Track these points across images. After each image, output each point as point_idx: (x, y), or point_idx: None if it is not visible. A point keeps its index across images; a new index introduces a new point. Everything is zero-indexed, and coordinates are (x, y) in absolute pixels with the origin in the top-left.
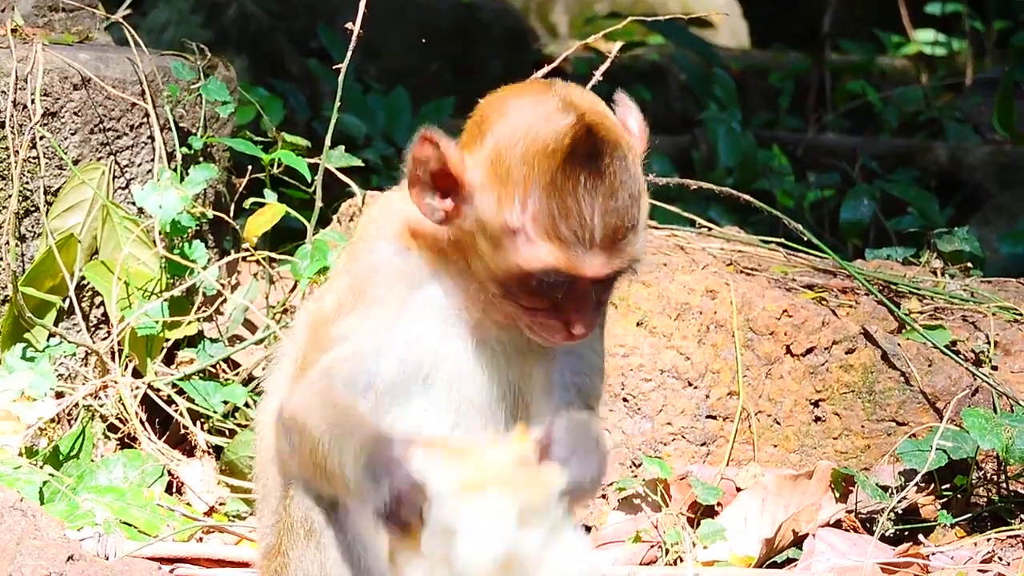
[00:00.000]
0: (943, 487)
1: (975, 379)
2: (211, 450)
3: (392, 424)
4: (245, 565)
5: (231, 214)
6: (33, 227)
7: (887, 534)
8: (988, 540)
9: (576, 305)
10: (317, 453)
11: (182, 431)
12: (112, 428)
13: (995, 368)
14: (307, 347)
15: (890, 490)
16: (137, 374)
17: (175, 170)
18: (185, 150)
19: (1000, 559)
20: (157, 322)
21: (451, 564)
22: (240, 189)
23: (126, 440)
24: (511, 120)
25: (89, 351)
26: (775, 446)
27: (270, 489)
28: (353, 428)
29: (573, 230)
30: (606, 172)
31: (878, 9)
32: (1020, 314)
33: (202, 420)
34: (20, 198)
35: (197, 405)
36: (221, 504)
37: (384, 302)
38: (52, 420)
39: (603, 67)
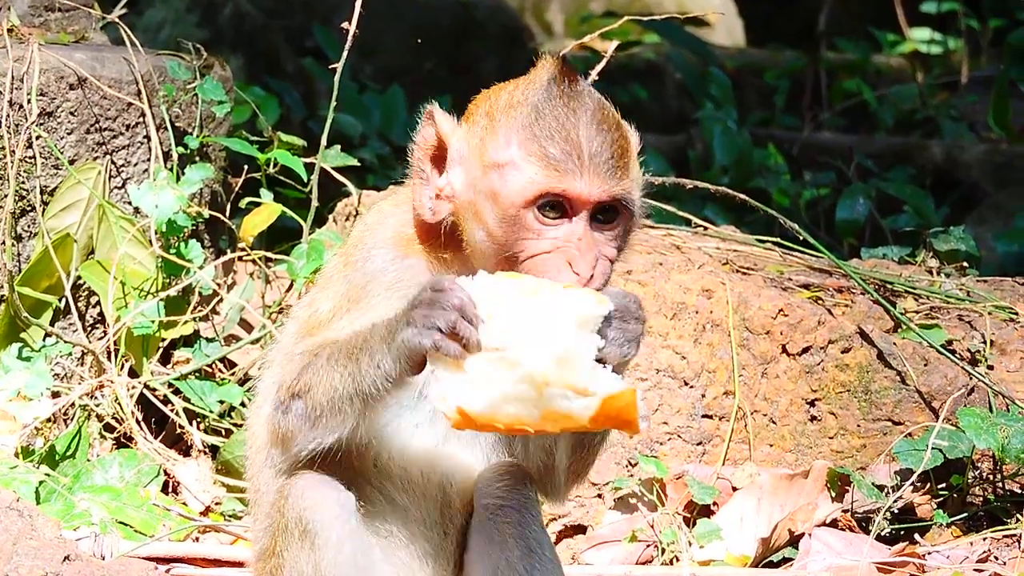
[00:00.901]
0: (939, 486)
1: (971, 378)
2: (207, 450)
3: (381, 433)
4: (241, 565)
5: (227, 213)
6: (29, 227)
7: (883, 533)
8: (984, 539)
9: (577, 244)
10: (335, 376)
11: (178, 431)
12: (108, 428)
13: (991, 367)
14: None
15: (886, 489)
16: (133, 374)
17: (171, 169)
18: (181, 149)
19: (996, 558)
20: (153, 322)
21: (512, 364)
22: (236, 188)
23: (122, 440)
24: (500, 89)
25: (85, 351)
26: (771, 445)
27: (263, 492)
28: (366, 332)
29: (560, 148)
30: (587, 99)
31: (874, 7)
32: (1016, 313)
33: (198, 420)
34: (16, 198)
35: (193, 405)
36: (217, 504)
37: (379, 309)
38: (48, 420)
39: (599, 66)
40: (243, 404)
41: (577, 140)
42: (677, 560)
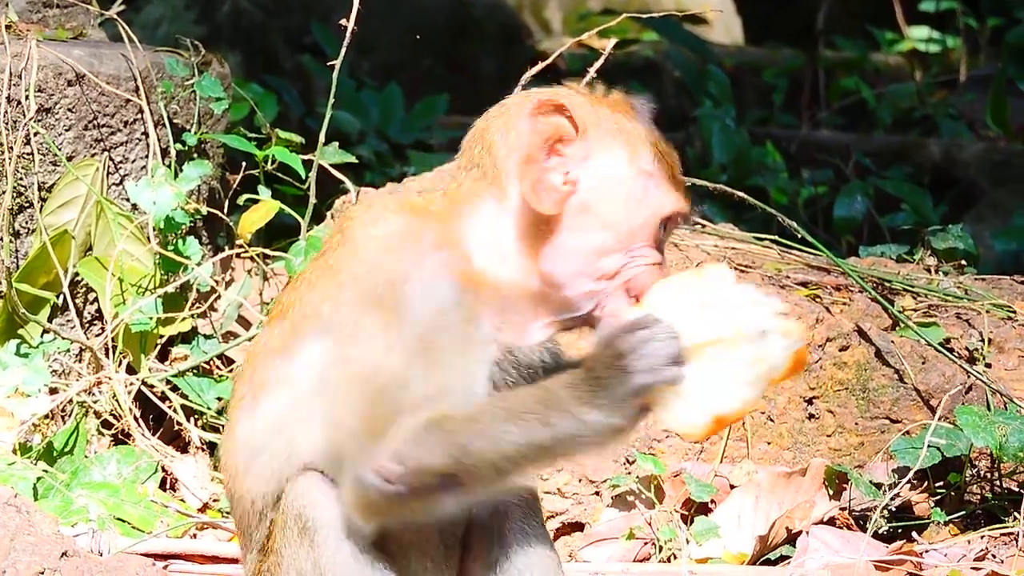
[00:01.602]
0: (936, 484)
1: (969, 376)
2: (205, 446)
3: None
4: (238, 561)
5: (225, 210)
6: (27, 223)
7: (880, 531)
8: (981, 537)
9: (658, 259)
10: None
11: (176, 427)
12: (106, 424)
13: (989, 365)
14: (371, 408)
15: (883, 487)
16: (131, 370)
17: (169, 166)
18: (179, 146)
19: (993, 556)
20: (151, 318)
21: (734, 343)
22: (234, 185)
23: (120, 436)
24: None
25: (83, 347)
26: (769, 443)
27: (260, 494)
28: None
29: (669, 174)
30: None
31: (872, 6)
32: (1014, 311)
33: (196, 416)
34: (14, 194)
35: (191, 401)
36: (215, 500)
37: (461, 357)
38: (46, 416)
39: (597, 64)
40: None
41: (671, 165)
42: (675, 558)
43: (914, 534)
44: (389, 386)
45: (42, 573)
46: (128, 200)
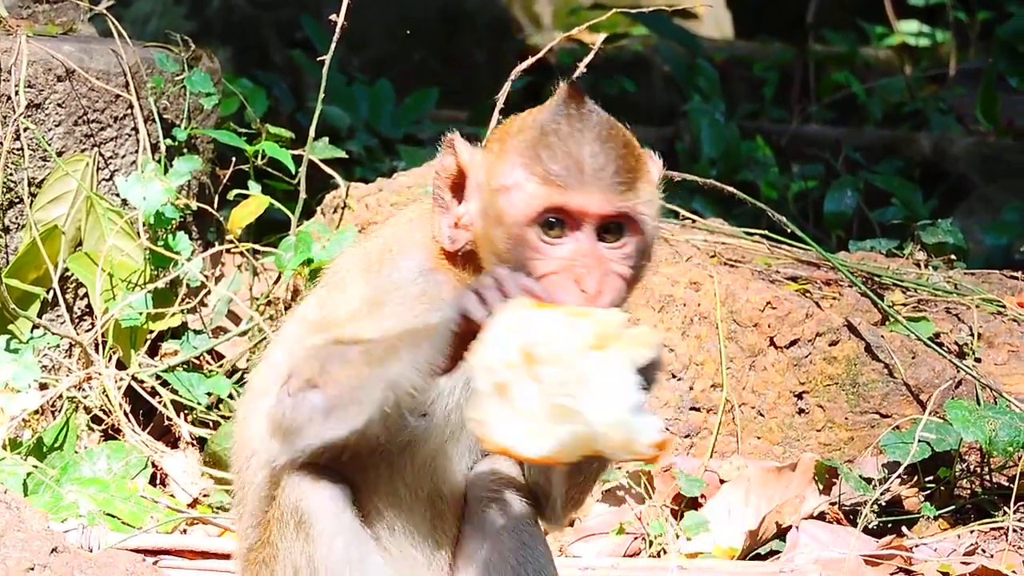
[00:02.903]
0: (926, 479)
1: (958, 371)
2: (195, 441)
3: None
4: (229, 557)
5: (215, 205)
6: (17, 218)
7: (870, 526)
8: (971, 532)
9: (583, 260)
10: (365, 368)
11: (166, 423)
12: (96, 420)
13: (978, 360)
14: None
15: (873, 482)
16: (121, 366)
17: (159, 161)
18: (169, 141)
19: (983, 551)
20: (141, 314)
21: (580, 412)
22: (224, 180)
23: (110, 432)
24: (516, 116)
25: (73, 343)
26: (759, 438)
27: (254, 486)
28: (404, 330)
29: (562, 163)
30: (594, 118)
31: (862, 0)
32: (1003, 306)
33: (186, 412)
34: (4, 190)
35: (181, 397)
36: (205, 496)
37: (403, 318)
38: (36, 412)
39: (587, 58)
40: (231, 396)
41: (579, 155)
42: (665, 552)
43: (904, 529)
44: (336, 322)
45: (32, 569)
46: (118, 195)
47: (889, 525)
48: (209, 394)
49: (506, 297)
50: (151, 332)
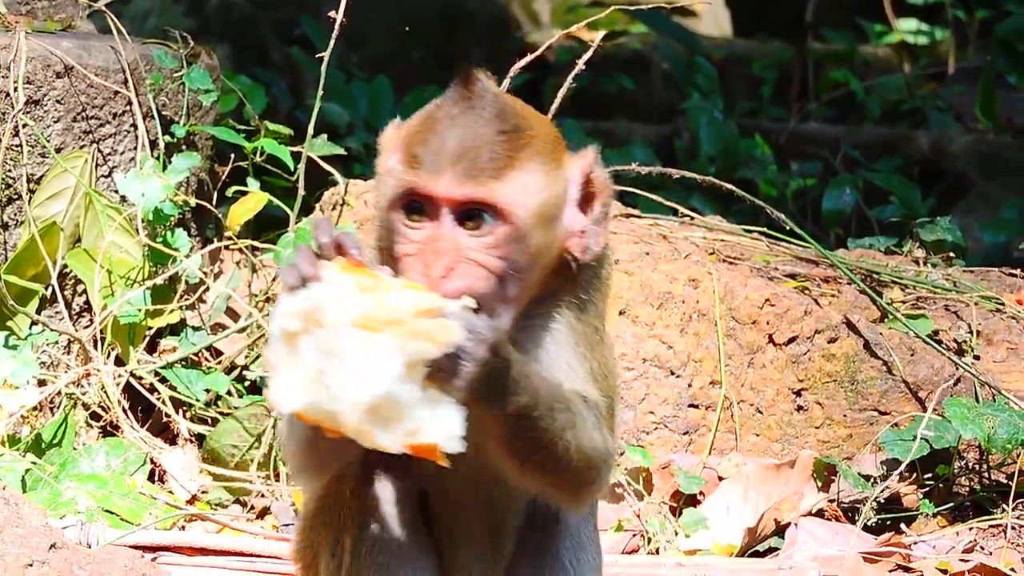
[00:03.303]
0: (925, 476)
1: (957, 368)
2: (193, 438)
3: None
4: (227, 553)
5: (214, 202)
6: (16, 215)
7: (869, 523)
8: (970, 529)
9: (434, 245)
10: None
11: (164, 419)
12: (94, 416)
13: (977, 357)
14: None
15: (872, 479)
16: (119, 362)
17: (158, 158)
18: (168, 138)
19: (982, 548)
20: (140, 310)
21: (328, 387)
22: (223, 177)
23: (108, 428)
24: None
25: (71, 339)
26: (757, 435)
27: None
28: None
29: (426, 147)
30: (479, 101)
31: None
32: (1002, 303)
33: (184, 408)
34: (3, 186)
35: (179, 393)
36: (203, 492)
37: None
38: (34, 408)
39: (586, 56)
40: (229, 393)
41: (443, 139)
42: (663, 550)
43: (903, 526)
44: None
45: (31, 565)
46: (117, 192)
47: (888, 522)
48: (208, 391)
49: (320, 257)
50: (150, 329)
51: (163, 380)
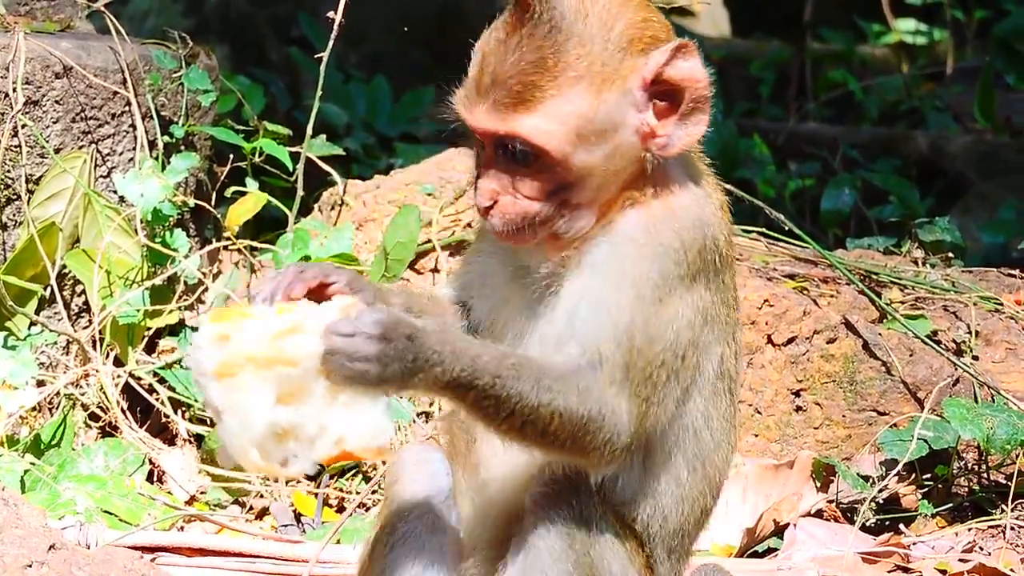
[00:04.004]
0: (924, 477)
1: (956, 369)
2: (192, 439)
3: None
4: (225, 554)
5: (213, 203)
6: (14, 215)
7: (868, 524)
8: (969, 530)
9: (481, 180)
10: None
11: (163, 420)
12: (93, 417)
13: (976, 358)
14: None
15: (871, 480)
16: (118, 363)
17: (157, 159)
18: (167, 138)
19: (981, 548)
20: (138, 311)
21: (223, 442)
22: (222, 178)
23: (107, 429)
24: None
25: (70, 339)
26: (756, 435)
27: None
28: None
29: (468, 77)
30: (522, 30)
31: None
32: (1001, 304)
33: (183, 409)
34: (1, 186)
35: (178, 394)
36: (202, 493)
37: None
38: (33, 409)
39: None
40: None
41: (480, 69)
42: None
43: (902, 526)
44: None
45: (30, 566)
46: (116, 192)
47: (887, 523)
48: None
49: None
50: (148, 329)
51: (162, 381)
